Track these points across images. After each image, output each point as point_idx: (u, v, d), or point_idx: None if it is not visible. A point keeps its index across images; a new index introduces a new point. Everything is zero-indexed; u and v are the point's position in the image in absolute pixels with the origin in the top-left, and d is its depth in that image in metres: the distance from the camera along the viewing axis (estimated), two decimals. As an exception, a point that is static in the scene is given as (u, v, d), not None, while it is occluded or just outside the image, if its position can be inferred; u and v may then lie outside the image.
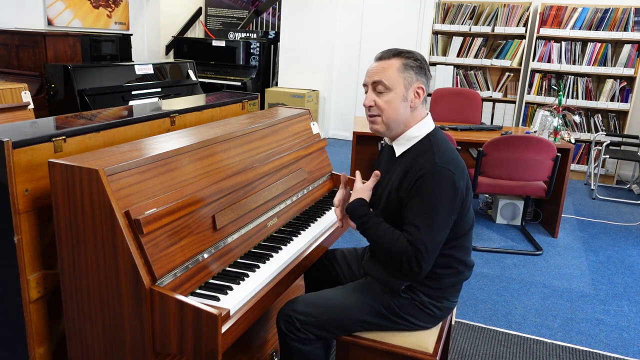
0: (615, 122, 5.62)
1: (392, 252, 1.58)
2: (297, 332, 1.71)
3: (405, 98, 1.65)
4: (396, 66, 1.64)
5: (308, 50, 6.96)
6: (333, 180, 2.48)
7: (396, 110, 1.66)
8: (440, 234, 1.58)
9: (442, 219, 1.57)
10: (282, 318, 1.74)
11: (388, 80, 1.64)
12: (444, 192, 1.56)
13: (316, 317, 1.71)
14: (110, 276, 1.38)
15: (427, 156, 1.60)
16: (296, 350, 1.73)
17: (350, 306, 1.73)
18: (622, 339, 2.68)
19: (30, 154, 1.44)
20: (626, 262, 3.65)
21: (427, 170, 1.56)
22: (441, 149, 1.62)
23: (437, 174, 1.56)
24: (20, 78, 4.39)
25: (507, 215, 4.25)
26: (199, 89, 5.25)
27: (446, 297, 1.74)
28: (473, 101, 4.83)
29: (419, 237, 1.54)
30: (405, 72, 1.64)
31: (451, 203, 1.57)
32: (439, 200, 1.55)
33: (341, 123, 7.23)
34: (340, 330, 1.73)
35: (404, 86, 1.64)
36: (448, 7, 6.02)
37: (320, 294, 1.80)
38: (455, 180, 1.57)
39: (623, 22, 5.38)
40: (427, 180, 1.56)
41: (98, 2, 6.49)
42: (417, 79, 1.65)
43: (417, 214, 1.56)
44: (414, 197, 1.58)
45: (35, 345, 1.54)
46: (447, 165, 1.57)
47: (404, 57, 1.65)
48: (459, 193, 1.59)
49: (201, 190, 1.58)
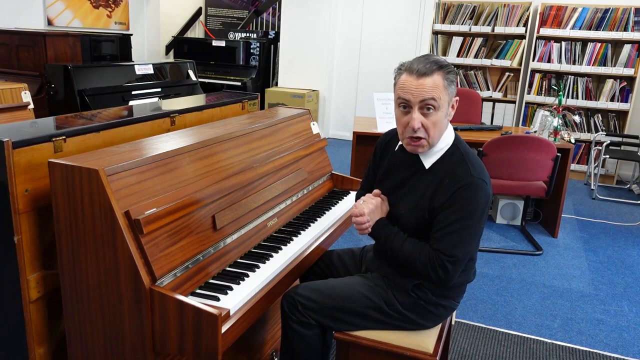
0: (615, 122, 5.62)
1: (417, 263, 1.62)
2: (299, 314, 1.75)
3: (447, 114, 1.62)
4: (442, 83, 1.55)
5: (308, 50, 6.96)
6: (333, 180, 2.48)
7: (441, 129, 1.62)
8: (472, 244, 1.61)
9: (476, 228, 1.61)
10: (286, 299, 1.78)
11: (434, 99, 1.55)
12: (480, 204, 1.59)
13: (317, 302, 1.74)
14: (110, 276, 1.38)
15: (463, 167, 1.61)
16: (296, 332, 1.76)
17: (351, 297, 1.74)
18: (622, 339, 2.68)
19: (30, 154, 1.44)
20: (626, 262, 3.65)
21: (465, 182, 1.58)
22: (471, 159, 1.64)
23: (475, 185, 1.58)
24: (20, 78, 4.39)
25: (507, 215, 4.25)
26: (199, 89, 5.24)
27: (452, 296, 1.75)
28: (473, 101, 4.83)
29: (450, 246, 1.57)
30: (449, 87, 1.58)
31: (484, 213, 1.62)
32: (474, 211, 1.58)
33: (341, 123, 7.23)
34: (339, 320, 1.75)
35: (448, 103, 1.60)
36: (448, 7, 6.02)
37: (325, 282, 1.83)
38: (489, 191, 1.62)
39: (623, 22, 5.38)
40: (465, 191, 1.57)
41: (98, 2, 6.49)
42: (454, 93, 1.62)
43: (451, 223, 1.58)
44: (450, 207, 1.58)
45: (35, 345, 1.54)
46: (482, 176, 1.61)
47: (445, 72, 1.56)
48: (489, 202, 1.63)
49: (201, 190, 1.58)
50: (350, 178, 2.48)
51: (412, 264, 1.64)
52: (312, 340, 1.77)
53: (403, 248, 1.65)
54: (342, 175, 2.48)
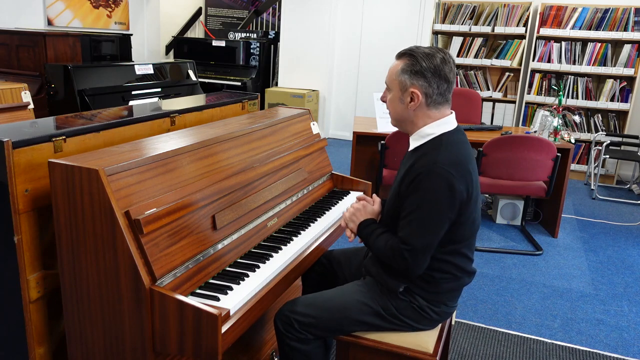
0: (615, 122, 5.62)
1: (385, 251, 1.63)
2: (295, 332, 1.71)
3: (402, 100, 1.65)
4: (397, 68, 1.65)
5: (308, 50, 6.96)
6: (333, 180, 2.48)
7: (395, 110, 1.69)
8: (430, 235, 1.57)
9: (434, 219, 1.56)
10: (280, 319, 1.74)
11: (389, 81, 1.68)
12: (439, 193, 1.54)
13: (314, 317, 1.71)
14: (110, 276, 1.38)
15: (432, 155, 1.58)
16: (295, 349, 1.72)
17: (348, 306, 1.72)
18: (622, 339, 2.68)
19: (30, 154, 1.44)
20: (626, 262, 3.65)
21: (426, 169, 1.55)
22: (449, 150, 1.59)
23: (435, 173, 1.54)
24: (20, 78, 4.39)
25: (507, 215, 4.25)
26: (199, 89, 5.24)
27: (444, 301, 1.73)
28: (473, 101, 4.83)
29: (408, 234, 1.57)
30: (401, 75, 1.63)
31: (446, 205, 1.55)
32: (432, 200, 1.54)
33: (341, 123, 7.23)
34: (339, 330, 1.73)
35: (400, 89, 1.65)
36: (448, 7, 6.02)
37: (318, 294, 1.80)
38: (454, 183, 1.54)
39: (623, 22, 5.38)
40: (424, 178, 1.55)
41: (98, 2, 6.49)
42: (411, 83, 1.61)
43: (410, 212, 1.58)
44: (411, 194, 1.58)
45: (35, 345, 1.54)
46: (448, 166, 1.55)
47: (406, 59, 1.63)
48: (457, 196, 1.55)
49: (201, 190, 1.58)
50: (350, 178, 2.48)
51: (383, 258, 1.65)
52: (313, 353, 1.75)
53: (376, 243, 1.67)
54: (342, 175, 2.48)
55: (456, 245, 1.66)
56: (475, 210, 1.65)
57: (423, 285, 1.69)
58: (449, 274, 1.68)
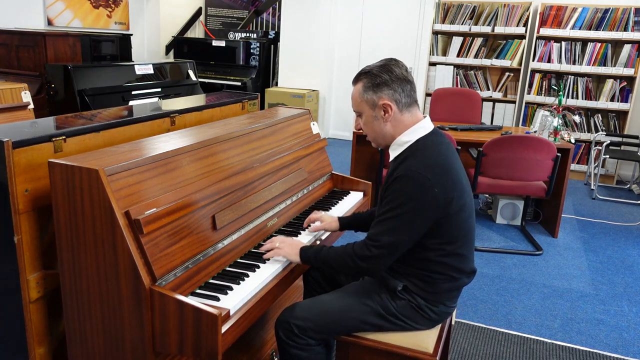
0: (615, 122, 5.62)
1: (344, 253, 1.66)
2: (296, 338, 1.71)
3: (375, 117, 1.69)
4: (357, 92, 1.70)
5: (308, 50, 6.95)
6: (333, 180, 2.48)
7: (373, 129, 1.72)
8: (399, 235, 1.58)
9: (405, 222, 1.56)
10: (281, 326, 1.73)
11: (355, 107, 1.74)
12: (412, 196, 1.55)
13: (314, 321, 1.71)
14: (110, 276, 1.38)
15: (408, 161, 1.60)
16: (296, 357, 1.72)
17: (348, 307, 1.72)
18: (622, 339, 2.68)
19: (30, 154, 1.44)
20: (626, 262, 3.65)
21: (401, 174, 1.57)
22: (425, 154, 1.60)
23: (409, 178, 1.55)
24: (20, 78, 4.39)
25: (507, 215, 4.25)
26: (199, 89, 5.24)
27: (443, 301, 1.72)
28: (473, 101, 4.83)
29: (377, 232, 1.60)
30: (365, 94, 1.68)
31: (420, 207, 1.55)
32: (403, 202, 1.55)
33: (341, 123, 7.23)
34: (340, 332, 1.73)
35: (370, 108, 1.68)
36: (448, 7, 6.02)
37: (317, 298, 1.79)
38: (429, 186, 1.54)
39: (623, 22, 5.38)
40: (398, 182, 1.57)
41: (98, 2, 6.49)
42: (378, 96, 1.65)
43: (383, 212, 1.60)
44: (385, 197, 1.61)
45: (35, 345, 1.54)
46: (423, 170, 1.55)
47: (362, 79, 1.68)
48: (432, 198, 1.55)
49: (201, 190, 1.58)
50: (350, 178, 2.48)
51: (343, 262, 1.66)
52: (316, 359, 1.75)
53: (330, 252, 1.69)
54: (342, 175, 2.48)
55: (450, 246, 1.65)
56: (463, 210, 1.64)
57: (421, 285, 1.69)
58: (446, 275, 1.68)
